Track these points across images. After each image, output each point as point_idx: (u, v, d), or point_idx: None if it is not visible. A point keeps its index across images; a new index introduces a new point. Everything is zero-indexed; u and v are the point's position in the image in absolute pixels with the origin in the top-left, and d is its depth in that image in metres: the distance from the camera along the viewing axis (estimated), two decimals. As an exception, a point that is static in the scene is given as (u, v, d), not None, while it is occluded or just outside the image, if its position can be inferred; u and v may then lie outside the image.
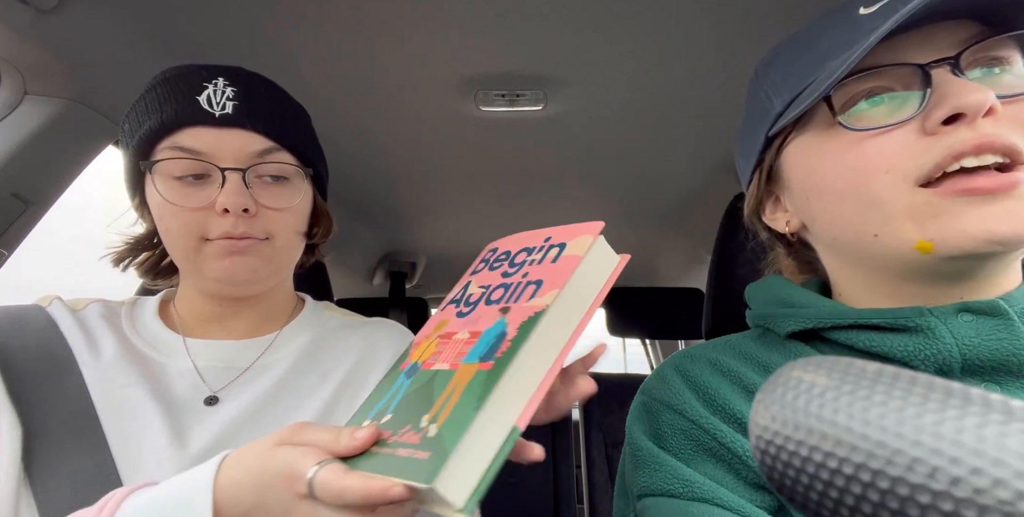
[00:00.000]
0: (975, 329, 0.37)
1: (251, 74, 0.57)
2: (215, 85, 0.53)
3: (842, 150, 0.39)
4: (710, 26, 0.77)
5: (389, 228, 1.72)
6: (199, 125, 0.51)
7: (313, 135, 0.62)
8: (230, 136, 0.52)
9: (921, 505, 0.16)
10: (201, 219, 0.51)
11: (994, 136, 0.34)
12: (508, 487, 2.09)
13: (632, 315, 1.59)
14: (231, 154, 0.52)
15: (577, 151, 1.19)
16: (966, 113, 0.35)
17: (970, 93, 0.34)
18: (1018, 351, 0.36)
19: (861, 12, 0.40)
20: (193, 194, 0.51)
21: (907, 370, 0.18)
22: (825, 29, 0.42)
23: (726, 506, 0.39)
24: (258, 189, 0.53)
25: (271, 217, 0.54)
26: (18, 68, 0.72)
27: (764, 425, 0.20)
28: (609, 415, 1.58)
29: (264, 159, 0.53)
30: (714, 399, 0.45)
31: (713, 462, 0.43)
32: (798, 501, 0.19)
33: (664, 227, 1.69)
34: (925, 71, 0.37)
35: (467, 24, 0.76)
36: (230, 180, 0.51)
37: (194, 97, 0.51)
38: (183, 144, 0.51)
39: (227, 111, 0.52)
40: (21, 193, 0.74)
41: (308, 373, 0.58)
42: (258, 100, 0.54)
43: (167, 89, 0.53)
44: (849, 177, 0.39)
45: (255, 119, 0.53)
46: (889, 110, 0.38)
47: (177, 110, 0.51)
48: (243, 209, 0.51)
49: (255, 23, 0.75)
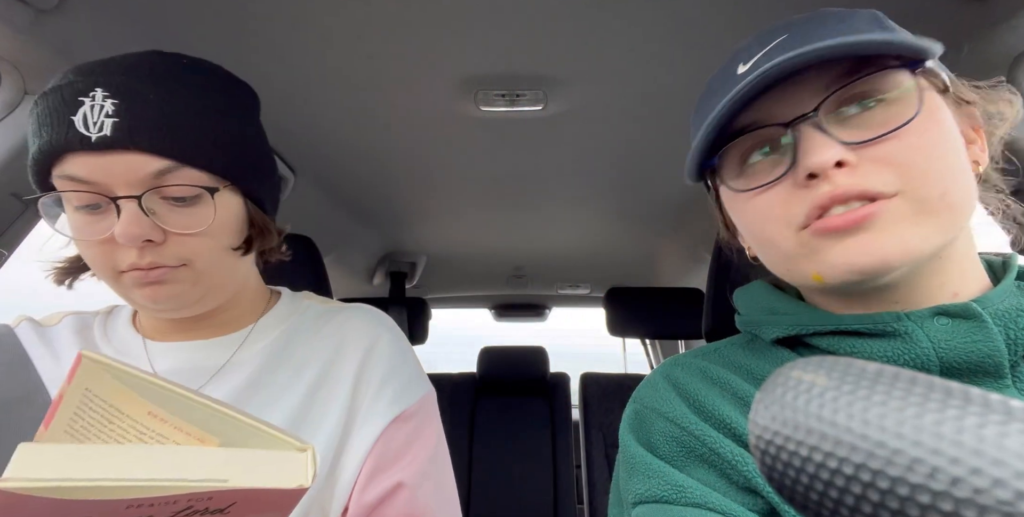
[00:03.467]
0: (951, 332, 0.38)
1: (140, 74, 0.46)
2: (92, 99, 0.44)
3: (743, 203, 0.44)
4: (710, 26, 0.77)
5: (389, 228, 1.72)
6: (79, 151, 0.44)
7: (241, 136, 0.51)
8: (114, 161, 0.44)
9: (921, 505, 0.16)
10: (109, 251, 0.46)
11: (846, 187, 0.37)
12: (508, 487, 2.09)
13: (632, 315, 1.59)
14: (121, 180, 0.44)
15: (577, 151, 1.19)
16: (817, 173, 0.38)
17: (818, 154, 0.38)
18: (993, 352, 0.37)
19: (739, 71, 0.43)
20: (95, 224, 0.46)
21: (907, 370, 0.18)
22: (717, 85, 0.45)
23: (718, 510, 0.40)
24: (164, 214, 0.46)
25: (182, 242, 0.47)
26: (18, 68, 0.72)
27: (764, 425, 0.20)
28: (609, 415, 1.58)
29: (162, 181, 0.46)
30: (703, 406, 0.46)
31: (704, 468, 0.44)
32: (798, 501, 0.19)
33: (664, 227, 1.69)
34: (791, 129, 0.40)
35: (467, 24, 0.76)
36: (125, 210, 0.44)
37: (69, 117, 0.44)
38: (70, 173, 0.45)
39: (104, 133, 0.43)
40: (21, 193, 0.74)
41: (281, 367, 0.56)
42: (145, 112, 0.45)
43: (44, 107, 0.45)
44: (754, 225, 0.44)
45: (140, 137, 0.44)
46: (776, 158, 0.42)
47: (52, 136, 0.44)
48: (144, 240, 0.45)
49: (254, 23, 0.75)
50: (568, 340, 3.76)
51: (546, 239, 1.85)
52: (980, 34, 0.70)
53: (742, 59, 0.43)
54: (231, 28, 0.76)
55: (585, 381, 1.66)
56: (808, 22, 0.41)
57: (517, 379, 2.28)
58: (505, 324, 2.96)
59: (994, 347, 0.37)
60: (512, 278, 2.37)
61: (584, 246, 1.92)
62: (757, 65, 0.41)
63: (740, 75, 0.42)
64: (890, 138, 0.38)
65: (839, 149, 0.37)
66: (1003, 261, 0.45)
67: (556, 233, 1.79)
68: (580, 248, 1.94)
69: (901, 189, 0.37)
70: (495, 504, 2.05)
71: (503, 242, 1.88)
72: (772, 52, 0.40)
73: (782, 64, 0.37)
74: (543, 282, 2.46)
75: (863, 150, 0.38)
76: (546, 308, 2.88)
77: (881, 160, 0.38)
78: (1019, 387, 0.37)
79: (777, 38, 0.41)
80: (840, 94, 0.39)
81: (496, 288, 2.52)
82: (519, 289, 2.54)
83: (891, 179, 0.37)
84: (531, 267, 2.23)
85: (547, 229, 1.75)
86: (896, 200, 0.37)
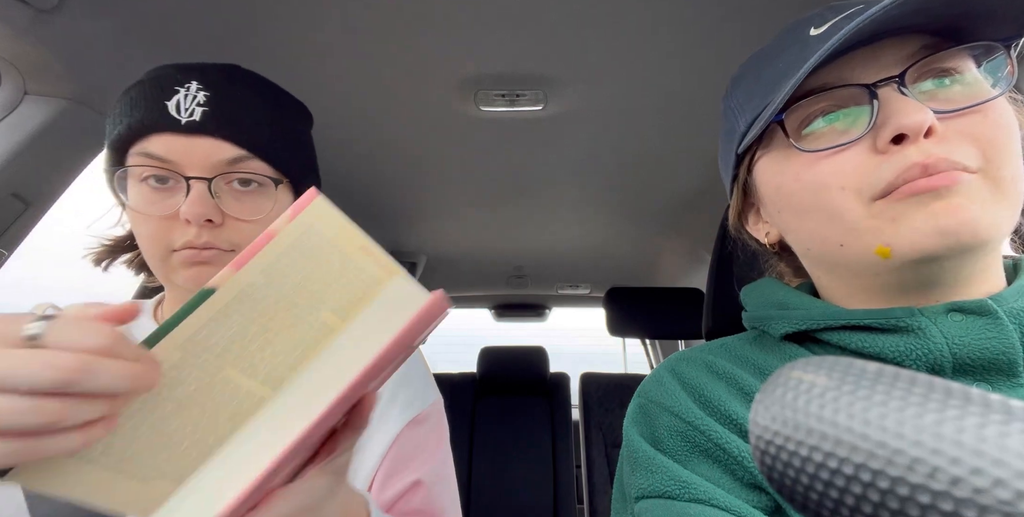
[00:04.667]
0: (965, 329, 0.37)
1: (232, 75, 0.54)
2: (187, 89, 0.51)
3: (801, 169, 0.41)
4: (710, 26, 0.77)
5: (389, 228, 1.72)
6: (166, 132, 0.50)
7: (301, 142, 0.59)
8: (197, 144, 0.50)
9: (921, 505, 0.16)
10: (167, 227, 0.50)
11: (938, 158, 0.35)
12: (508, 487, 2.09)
13: (632, 315, 1.59)
14: (197, 162, 0.50)
15: (577, 151, 1.19)
16: (908, 134, 0.36)
17: (910, 115, 0.36)
18: (1007, 350, 0.36)
19: (811, 33, 0.41)
20: (160, 202, 0.50)
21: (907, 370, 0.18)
22: (782, 48, 0.43)
23: (722, 506, 0.40)
24: (226, 199, 0.51)
25: (238, 228, 0.52)
26: (18, 68, 0.72)
27: (764, 425, 0.20)
28: (609, 415, 1.58)
29: (233, 168, 0.51)
30: (710, 401, 0.45)
31: (709, 463, 0.43)
32: (798, 501, 0.19)
33: (664, 227, 1.69)
34: (871, 90, 0.38)
35: (467, 24, 0.76)
36: (194, 189, 0.49)
37: (163, 102, 0.50)
38: (151, 151, 0.50)
39: (194, 118, 0.50)
40: (21, 193, 0.74)
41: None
42: (231, 105, 0.52)
43: (140, 92, 0.52)
44: (810, 194, 0.40)
45: (224, 126, 0.51)
46: (844, 126, 0.40)
47: (144, 116, 0.50)
48: (206, 219, 0.49)
49: (254, 23, 0.75)
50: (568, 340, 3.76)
51: (546, 239, 1.85)
52: None
53: (813, 24, 0.41)
54: (231, 29, 0.76)
55: (585, 381, 1.66)
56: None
57: (517, 379, 2.28)
58: (505, 324, 2.96)
59: (1009, 344, 0.36)
60: (512, 278, 2.37)
61: (584, 246, 1.92)
62: (839, 26, 0.38)
63: (818, 36, 0.39)
64: (975, 111, 0.36)
65: (932, 113, 0.36)
66: (1013, 263, 0.44)
67: (556, 233, 1.79)
68: (580, 248, 1.94)
69: (982, 166, 0.36)
70: (495, 504, 2.05)
71: (503, 242, 1.88)
72: (855, 16, 0.38)
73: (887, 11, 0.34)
74: (543, 282, 2.46)
75: (948, 121, 0.36)
76: (546, 308, 2.88)
77: (967, 133, 0.36)
78: None
79: (854, 6, 0.39)
80: (924, 64, 0.37)
81: (496, 288, 2.52)
82: (519, 289, 2.54)
83: (975, 154, 0.36)
84: (531, 267, 2.23)
85: (547, 229, 1.75)
86: (978, 177, 0.36)
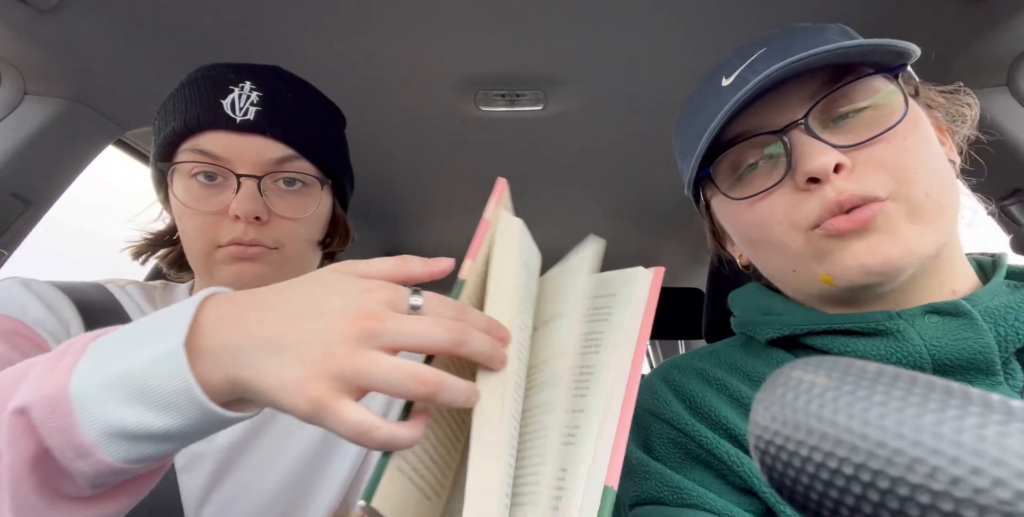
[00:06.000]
0: (941, 330, 0.38)
1: (282, 78, 0.56)
2: (241, 89, 0.52)
3: (742, 210, 0.44)
4: (710, 26, 0.77)
5: (389, 228, 1.72)
6: (220, 129, 0.51)
7: (340, 144, 0.61)
8: (249, 142, 0.51)
9: (921, 505, 0.16)
10: (214, 223, 0.51)
11: (851, 195, 0.38)
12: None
13: (632, 315, 1.59)
14: (248, 160, 0.51)
15: (577, 151, 1.19)
16: (818, 177, 0.39)
17: (816, 158, 0.38)
18: (983, 349, 0.37)
19: (723, 83, 0.44)
20: (209, 198, 0.52)
21: (907, 370, 0.19)
22: (702, 99, 0.46)
23: (714, 511, 0.40)
24: (273, 197, 0.53)
25: (283, 226, 0.53)
26: (18, 68, 0.72)
27: (764, 425, 0.20)
28: (609, 415, 1.58)
29: (282, 167, 0.53)
30: (700, 407, 0.46)
31: (701, 469, 0.44)
32: (798, 501, 0.19)
33: (664, 227, 1.69)
34: (781, 137, 0.41)
35: (467, 24, 0.76)
36: (245, 186, 0.51)
37: (218, 100, 0.51)
38: (203, 147, 0.51)
39: (248, 117, 0.51)
40: (21, 193, 0.74)
41: None
42: (283, 106, 0.53)
43: (194, 90, 0.53)
44: (756, 230, 0.44)
45: (276, 126, 0.52)
46: (768, 168, 0.43)
47: (200, 113, 0.51)
48: (255, 217, 0.51)
49: (254, 23, 0.75)
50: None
51: (546, 239, 1.84)
52: (980, 35, 0.70)
53: (724, 73, 0.44)
54: (230, 28, 0.76)
55: (585, 381, 1.66)
56: (784, 36, 0.43)
57: (517, 379, 2.28)
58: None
59: (984, 344, 0.37)
60: (512, 278, 2.37)
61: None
62: (743, 77, 0.42)
63: (728, 87, 0.43)
64: (880, 140, 0.38)
65: (835, 153, 0.38)
66: (993, 261, 0.45)
67: (556, 233, 1.79)
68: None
69: (893, 191, 0.38)
70: (495, 504, 2.05)
71: (503, 242, 1.88)
72: (756, 64, 0.41)
73: (780, 70, 0.37)
74: (543, 282, 2.45)
75: (855, 153, 0.39)
76: (546, 308, 2.87)
77: (874, 162, 0.38)
78: (1011, 384, 0.37)
79: (756, 52, 0.42)
80: (826, 101, 0.40)
81: (496, 288, 2.52)
82: (519, 289, 2.53)
83: (885, 181, 0.38)
84: (531, 267, 2.22)
85: (547, 229, 1.74)
86: (889, 203, 0.38)
